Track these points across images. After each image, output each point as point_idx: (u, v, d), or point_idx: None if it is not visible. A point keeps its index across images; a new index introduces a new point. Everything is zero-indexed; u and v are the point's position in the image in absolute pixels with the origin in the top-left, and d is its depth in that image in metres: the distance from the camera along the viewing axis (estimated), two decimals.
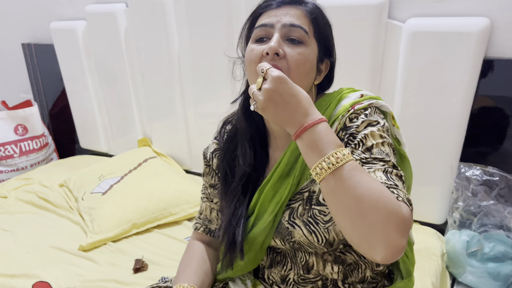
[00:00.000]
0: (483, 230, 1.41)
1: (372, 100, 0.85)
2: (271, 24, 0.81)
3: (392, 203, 0.65)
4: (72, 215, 1.83)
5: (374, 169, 0.75)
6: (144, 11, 1.96)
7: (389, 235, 0.63)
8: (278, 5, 0.83)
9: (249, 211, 0.92)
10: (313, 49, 0.83)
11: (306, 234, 0.85)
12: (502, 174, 1.38)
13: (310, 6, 0.84)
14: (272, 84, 0.70)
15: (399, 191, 0.71)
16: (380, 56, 1.51)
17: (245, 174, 0.93)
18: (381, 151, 0.77)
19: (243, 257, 0.91)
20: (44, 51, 2.53)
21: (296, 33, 0.80)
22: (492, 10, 1.34)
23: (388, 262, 0.65)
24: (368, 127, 0.80)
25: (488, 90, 1.41)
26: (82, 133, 2.58)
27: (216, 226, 1.03)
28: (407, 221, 0.65)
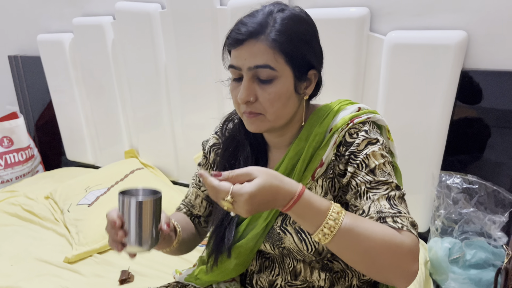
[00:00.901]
0: (465, 237, 1.44)
1: (370, 114, 0.86)
2: (238, 67, 0.81)
3: (395, 241, 0.70)
4: (58, 227, 1.82)
5: (378, 196, 0.78)
6: (131, 24, 1.99)
7: (401, 269, 0.71)
8: (241, 42, 0.79)
9: (240, 217, 0.92)
10: (286, 78, 0.80)
11: (296, 241, 0.86)
12: (481, 182, 1.42)
13: (274, 33, 0.78)
14: (244, 206, 0.67)
15: (403, 218, 0.75)
16: (362, 68, 1.55)
17: None
18: (384, 172, 0.80)
19: (230, 255, 0.92)
20: (30, 63, 2.53)
21: (264, 73, 0.79)
22: (469, 23, 1.39)
23: (409, 285, 0.73)
24: (368, 145, 0.82)
25: (466, 101, 1.45)
26: (69, 145, 2.58)
27: (198, 213, 1.03)
28: (414, 249, 0.72)
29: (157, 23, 1.94)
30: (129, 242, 0.74)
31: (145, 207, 0.74)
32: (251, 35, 0.78)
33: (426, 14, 1.43)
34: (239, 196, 0.66)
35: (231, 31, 0.82)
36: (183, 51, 1.91)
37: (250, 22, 0.80)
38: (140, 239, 0.75)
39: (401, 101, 1.48)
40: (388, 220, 0.74)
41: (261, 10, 0.82)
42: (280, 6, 0.83)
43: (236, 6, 1.69)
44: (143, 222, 0.74)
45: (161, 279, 1.43)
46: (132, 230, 0.74)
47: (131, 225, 0.74)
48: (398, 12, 1.48)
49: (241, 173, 0.69)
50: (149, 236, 0.76)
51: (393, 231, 0.72)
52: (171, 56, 1.97)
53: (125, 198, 0.74)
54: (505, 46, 1.36)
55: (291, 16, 0.81)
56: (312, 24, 0.85)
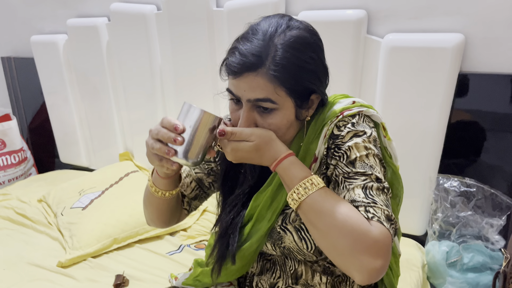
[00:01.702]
0: (462, 241, 1.43)
1: (362, 108, 0.84)
2: (237, 96, 0.79)
3: (360, 228, 0.67)
4: (51, 230, 1.79)
5: (354, 185, 0.75)
6: (126, 25, 1.97)
7: (360, 260, 0.67)
8: (239, 74, 0.75)
9: (245, 219, 0.90)
10: (287, 110, 0.78)
11: (296, 240, 0.85)
12: (479, 185, 1.42)
13: (275, 67, 0.74)
14: (230, 157, 0.78)
15: (376, 209, 0.71)
16: (360, 70, 1.55)
17: (251, 185, 0.92)
18: (365, 164, 0.77)
19: (235, 263, 0.90)
20: (24, 64, 2.51)
21: (264, 104, 0.77)
22: (466, 26, 1.39)
23: (367, 283, 0.68)
24: (353, 137, 0.79)
25: (464, 104, 1.45)
26: (63, 147, 2.55)
27: (184, 192, 1.00)
28: (379, 242, 0.67)
29: (153, 24, 1.92)
30: (180, 153, 0.75)
31: (205, 119, 0.75)
32: (249, 69, 0.74)
33: (424, 17, 1.43)
34: (224, 149, 0.78)
35: (227, 57, 0.78)
36: (178, 53, 1.90)
37: (248, 51, 0.74)
38: (189, 151, 0.75)
39: (398, 103, 1.47)
40: (360, 209, 0.71)
41: (261, 31, 0.76)
42: (283, 25, 0.77)
43: (232, 8, 1.68)
44: (198, 134, 0.75)
45: (156, 283, 1.42)
46: (187, 140, 0.75)
47: (187, 133, 0.75)
48: (395, 14, 1.47)
49: (242, 136, 0.77)
50: (199, 151, 0.77)
51: (361, 218, 0.69)
52: (166, 58, 1.95)
53: (191, 105, 0.75)
54: (502, 49, 1.37)
55: (294, 42, 0.75)
56: (317, 45, 0.80)
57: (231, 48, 0.79)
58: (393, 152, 0.92)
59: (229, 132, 0.76)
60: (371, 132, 0.81)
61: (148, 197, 0.93)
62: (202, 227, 1.77)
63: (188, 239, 1.71)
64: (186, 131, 0.75)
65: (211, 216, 1.83)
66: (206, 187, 1.01)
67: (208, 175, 1.00)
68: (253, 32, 0.77)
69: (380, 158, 0.80)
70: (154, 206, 0.93)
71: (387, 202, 0.74)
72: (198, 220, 1.82)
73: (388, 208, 0.73)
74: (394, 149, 0.92)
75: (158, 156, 0.77)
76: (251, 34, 0.77)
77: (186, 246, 1.66)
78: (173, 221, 1.00)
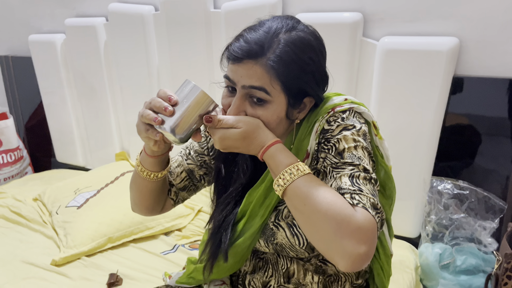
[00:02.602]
0: (455, 243, 1.44)
1: (353, 104, 0.84)
2: (233, 81, 0.80)
3: (344, 213, 0.67)
4: (46, 229, 1.79)
5: (341, 174, 0.76)
6: (124, 26, 1.98)
7: (343, 245, 0.66)
8: (239, 60, 0.77)
9: (238, 215, 0.91)
10: (279, 105, 0.79)
11: (288, 236, 0.86)
12: (472, 188, 1.42)
13: (274, 59, 0.76)
14: (217, 145, 0.79)
15: (362, 196, 0.71)
16: (355, 73, 1.56)
17: (243, 183, 0.92)
18: (353, 155, 0.77)
19: (227, 260, 0.91)
20: (21, 63, 2.51)
21: (257, 94, 0.78)
22: (461, 30, 1.40)
23: (352, 270, 0.67)
24: (342, 131, 0.80)
25: (458, 107, 1.46)
26: (59, 146, 2.55)
27: (173, 181, 0.99)
28: (363, 228, 0.67)
29: (150, 25, 1.93)
30: (167, 124, 0.75)
31: (200, 98, 0.76)
32: (250, 56, 0.76)
33: (419, 20, 1.44)
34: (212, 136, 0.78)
35: (232, 43, 0.80)
36: (176, 54, 1.90)
37: (252, 39, 0.77)
38: (177, 126, 0.75)
39: (393, 106, 1.48)
40: (346, 196, 0.71)
41: (268, 25, 0.79)
42: (290, 24, 0.79)
43: (229, 10, 1.68)
44: (190, 111, 0.75)
45: (150, 282, 1.42)
46: (178, 113, 0.75)
47: (179, 108, 0.75)
48: (391, 18, 1.48)
49: (229, 122, 0.77)
50: (186, 129, 0.76)
51: (346, 203, 0.69)
52: (163, 58, 1.96)
53: (190, 82, 0.76)
54: (496, 53, 1.38)
55: (298, 41, 0.78)
56: (319, 50, 0.82)
57: (237, 35, 0.81)
58: (385, 151, 0.92)
59: (216, 119, 0.77)
60: (361, 126, 0.82)
61: (133, 177, 0.94)
62: (196, 227, 1.77)
63: (183, 239, 1.71)
64: (179, 105, 0.75)
65: (206, 216, 1.83)
66: (196, 179, 1.01)
67: (200, 167, 1.00)
68: (260, 25, 0.80)
69: (369, 152, 0.81)
70: (138, 187, 0.93)
71: (374, 192, 0.74)
72: (193, 220, 1.82)
73: (375, 197, 0.73)
74: (386, 149, 0.92)
75: (146, 126, 0.78)
76: (258, 25, 0.80)
77: (181, 246, 1.66)
78: (157, 208, 0.99)
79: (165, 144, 0.83)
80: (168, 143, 0.85)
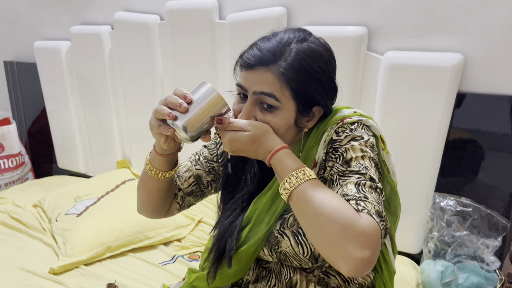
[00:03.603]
0: (457, 261, 1.42)
1: (362, 117, 0.87)
2: (244, 88, 0.82)
3: (348, 217, 0.68)
4: (45, 236, 1.78)
5: (347, 182, 0.77)
6: (130, 34, 1.98)
7: (347, 248, 0.67)
8: (251, 67, 0.81)
9: (243, 222, 0.92)
10: (288, 112, 0.81)
11: (293, 244, 0.86)
12: (475, 205, 1.41)
13: (285, 66, 0.78)
14: (226, 147, 0.81)
15: (367, 203, 0.72)
16: (359, 86, 1.55)
17: (250, 190, 0.94)
18: (360, 164, 0.79)
19: (231, 266, 0.91)
20: (26, 69, 2.52)
21: (267, 100, 0.80)
22: (465, 46, 1.40)
23: (354, 275, 0.68)
24: (351, 141, 0.82)
25: (461, 123, 1.45)
26: (61, 153, 2.55)
27: (180, 185, 1.01)
28: (367, 233, 0.67)
29: (155, 34, 1.94)
30: (180, 120, 0.77)
31: (214, 100, 0.78)
32: (262, 63, 0.80)
33: (423, 36, 1.44)
34: (222, 138, 0.80)
35: (245, 51, 0.83)
36: (180, 63, 1.91)
37: (265, 47, 0.80)
38: (189, 123, 0.77)
39: (397, 120, 1.47)
40: (351, 202, 0.72)
41: (281, 35, 0.82)
42: (301, 36, 0.82)
43: (235, 21, 1.69)
44: (203, 110, 0.78)
45: None
46: (191, 112, 0.77)
47: (193, 106, 0.78)
48: (395, 32, 1.48)
49: (239, 125, 0.79)
50: (197, 128, 0.78)
51: (350, 208, 0.70)
52: (168, 67, 1.96)
53: (207, 83, 0.80)
54: (500, 70, 1.37)
55: (308, 50, 0.81)
56: (329, 61, 0.84)
57: (251, 44, 0.84)
58: (392, 167, 0.93)
59: (226, 121, 0.79)
60: (369, 138, 0.84)
61: (142, 176, 0.96)
62: (196, 238, 1.76)
63: (182, 249, 1.70)
64: (193, 104, 0.78)
65: (206, 227, 1.82)
66: (204, 185, 1.02)
67: (209, 173, 1.02)
68: (273, 35, 0.84)
69: (376, 163, 0.82)
70: (145, 186, 0.95)
71: (379, 201, 0.75)
72: (192, 230, 1.81)
73: (380, 205, 0.74)
74: (392, 164, 0.93)
75: (158, 122, 0.80)
76: (271, 36, 0.84)
77: (180, 257, 1.64)
78: (162, 210, 1.01)
79: (174, 143, 0.86)
80: (178, 143, 0.87)
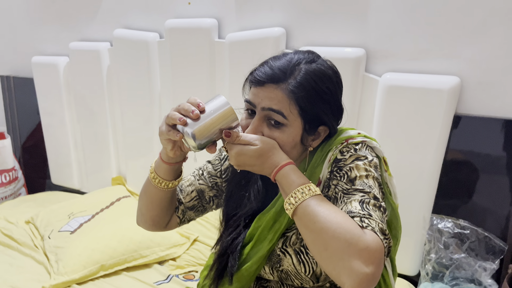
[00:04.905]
0: (455, 284, 1.41)
1: (366, 139, 0.88)
2: (253, 104, 0.84)
3: (353, 232, 0.69)
4: (37, 254, 1.75)
5: (352, 199, 0.78)
6: (128, 51, 1.99)
7: (351, 263, 0.67)
8: (261, 84, 0.82)
9: (246, 239, 0.92)
10: (295, 129, 0.83)
11: (295, 263, 0.87)
12: (473, 228, 1.41)
13: (294, 84, 0.81)
14: (233, 161, 0.81)
15: (371, 220, 0.73)
16: (357, 107, 1.56)
17: (253, 207, 0.94)
18: (364, 183, 0.80)
19: (232, 283, 0.91)
20: (23, 84, 2.51)
21: (275, 117, 0.82)
22: (462, 70, 1.41)
23: None
24: (355, 161, 0.83)
25: (458, 145, 1.46)
26: (55, 168, 2.52)
27: (182, 198, 1.01)
28: (371, 249, 0.68)
29: (154, 52, 1.95)
30: (189, 127, 0.78)
31: (226, 112, 0.80)
32: (272, 80, 0.82)
33: (421, 59, 1.46)
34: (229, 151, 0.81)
35: (256, 69, 0.85)
36: (178, 82, 1.91)
37: (275, 66, 0.83)
38: (198, 131, 0.78)
39: (394, 141, 1.48)
40: (355, 219, 0.73)
41: (291, 55, 0.85)
42: (310, 57, 0.85)
43: (234, 40, 1.71)
44: (214, 121, 0.79)
45: None
46: (202, 120, 0.78)
47: (205, 116, 0.79)
48: (393, 55, 1.50)
49: (247, 139, 0.80)
50: (206, 137, 0.79)
51: (355, 224, 0.71)
52: (166, 85, 1.97)
53: (221, 96, 0.81)
54: (496, 94, 1.39)
55: (317, 71, 0.83)
56: (337, 82, 0.87)
57: (262, 62, 0.86)
58: (393, 189, 0.94)
59: (234, 134, 0.80)
60: (373, 158, 0.85)
61: (145, 185, 0.96)
62: (192, 257, 1.74)
63: (177, 269, 1.67)
64: (205, 114, 0.79)
65: (202, 246, 1.80)
66: (206, 200, 1.02)
67: (211, 188, 1.02)
68: (284, 55, 0.86)
69: (379, 182, 0.83)
70: (148, 195, 0.95)
71: (383, 219, 0.76)
72: (188, 249, 1.78)
73: (383, 223, 0.75)
74: (394, 186, 0.94)
75: (168, 127, 0.80)
76: (282, 55, 0.86)
77: (175, 277, 1.62)
78: (162, 222, 1.00)
79: (181, 151, 0.86)
80: (184, 152, 0.88)
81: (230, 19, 1.80)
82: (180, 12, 1.90)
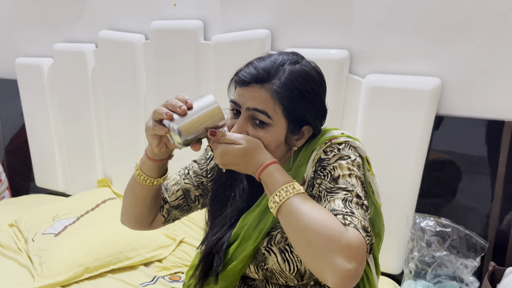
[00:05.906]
0: (437, 281, 1.44)
1: (349, 139, 0.90)
2: (238, 104, 0.85)
3: (336, 230, 0.70)
4: (20, 257, 1.73)
5: (335, 197, 0.79)
6: (114, 53, 1.99)
7: (333, 260, 0.68)
8: (246, 84, 0.84)
9: (231, 238, 0.92)
10: (279, 129, 0.84)
11: (279, 261, 0.88)
12: (454, 226, 1.44)
13: (278, 84, 0.82)
14: (218, 160, 0.82)
15: (354, 218, 0.74)
16: (341, 108, 1.58)
17: (238, 207, 0.94)
18: (347, 182, 0.81)
19: (217, 282, 0.91)
20: (6, 86, 2.48)
21: (260, 117, 0.83)
22: (443, 71, 1.44)
23: (341, 287, 0.69)
24: (338, 160, 0.85)
25: (440, 145, 1.49)
26: (39, 171, 2.50)
27: (167, 197, 1.01)
28: (353, 245, 0.69)
29: (140, 53, 1.94)
30: (175, 122, 0.78)
31: (214, 111, 0.81)
32: (257, 80, 0.83)
33: (403, 60, 1.49)
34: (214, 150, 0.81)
35: (241, 70, 0.86)
36: (164, 83, 1.91)
37: (260, 66, 0.84)
38: (184, 126, 0.78)
39: (377, 142, 1.50)
40: (338, 217, 0.74)
41: (275, 56, 0.86)
42: (294, 58, 0.86)
43: (219, 42, 1.71)
44: (200, 118, 0.80)
45: None
46: (189, 117, 0.79)
47: (192, 112, 0.79)
48: (376, 56, 1.53)
49: (231, 138, 0.81)
50: (191, 133, 0.79)
51: (338, 221, 0.72)
52: (151, 87, 1.97)
53: (210, 94, 0.82)
54: (476, 94, 1.42)
55: (301, 72, 0.85)
56: (320, 83, 0.88)
57: (247, 63, 0.87)
58: (376, 188, 0.96)
59: (220, 133, 0.80)
60: (356, 158, 0.86)
61: (129, 183, 0.96)
62: (177, 258, 1.74)
63: (163, 270, 1.67)
64: (192, 111, 0.80)
65: (188, 247, 1.80)
66: (191, 199, 1.02)
67: (197, 187, 1.02)
68: (268, 56, 0.87)
69: (362, 182, 0.85)
70: (132, 192, 0.95)
71: (365, 217, 0.78)
72: (174, 251, 1.78)
73: (365, 221, 0.76)
74: (377, 185, 0.96)
75: (155, 122, 0.81)
76: (266, 56, 0.87)
77: (161, 278, 1.62)
78: (146, 221, 1.00)
79: (166, 149, 0.86)
80: (169, 149, 0.88)
81: (216, 21, 1.81)
82: (166, 14, 1.91)
